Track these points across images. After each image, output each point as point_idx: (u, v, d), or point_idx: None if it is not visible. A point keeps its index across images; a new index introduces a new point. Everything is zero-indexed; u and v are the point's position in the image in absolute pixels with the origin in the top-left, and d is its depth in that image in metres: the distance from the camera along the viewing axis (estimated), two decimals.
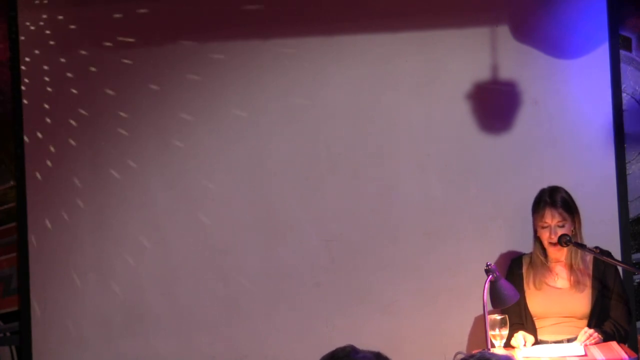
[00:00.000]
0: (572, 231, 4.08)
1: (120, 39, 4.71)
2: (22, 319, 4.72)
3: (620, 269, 4.19)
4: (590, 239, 4.14)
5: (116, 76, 4.71)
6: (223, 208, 4.65)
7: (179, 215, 4.67)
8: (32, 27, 4.74)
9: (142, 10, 4.70)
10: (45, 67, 4.73)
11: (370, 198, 4.59)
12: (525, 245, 4.30)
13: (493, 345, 3.85)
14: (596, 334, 3.90)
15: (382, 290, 4.57)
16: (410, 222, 4.57)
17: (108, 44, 4.71)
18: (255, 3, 4.66)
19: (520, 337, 3.94)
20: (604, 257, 4.03)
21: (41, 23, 4.73)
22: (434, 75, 4.57)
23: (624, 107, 4.51)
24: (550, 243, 4.06)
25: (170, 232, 4.67)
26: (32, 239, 4.73)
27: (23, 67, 4.74)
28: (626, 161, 4.51)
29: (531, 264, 4.17)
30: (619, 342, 3.92)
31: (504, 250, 4.49)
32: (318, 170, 4.62)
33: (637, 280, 4.51)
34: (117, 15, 4.70)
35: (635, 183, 4.52)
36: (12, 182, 4.76)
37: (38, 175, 4.74)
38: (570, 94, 4.52)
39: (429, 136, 4.58)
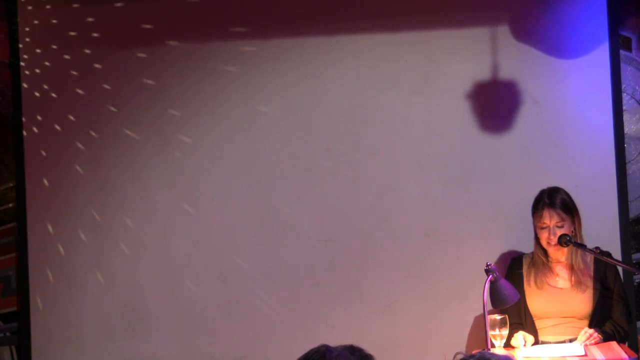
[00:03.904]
0: (572, 231, 4.08)
1: (120, 38, 4.71)
2: (22, 319, 4.72)
3: (620, 269, 4.19)
4: (590, 239, 4.14)
5: (116, 76, 4.71)
6: (223, 208, 4.65)
7: (179, 215, 4.67)
8: (33, 27, 4.74)
9: (142, 10, 4.69)
10: (46, 67, 4.74)
11: (370, 198, 4.59)
12: (526, 245, 4.31)
13: (493, 345, 3.84)
14: (596, 334, 3.90)
15: (382, 290, 4.57)
16: (410, 222, 4.57)
17: (108, 43, 4.71)
18: (256, 4, 4.66)
19: (520, 337, 3.93)
20: (604, 257, 4.03)
21: (41, 22, 4.74)
22: (434, 75, 4.57)
23: (624, 107, 4.51)
24: (550, 243, 4.06)
25: (170, 232, 4.67)
26: (32, 239, 4.73)
27: (23, 67, 4.74)
28: (626, 161, 4.51)
29: (532, 263, 4.17)
30: (619, 342, 3.92)
31: (504, 250, 4.49)
32: (318, 170, 4.62)
33: (637, 280, 4.51)
34: (117, 15, 4.70)
35: (635, 183, 4.52)
36: (12, 183, 4.77)
37: (38, 175, 4.73)
38: (570, 94, 4.52)
39: (429, 136, 4.58)
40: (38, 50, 4.74)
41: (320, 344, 2.16)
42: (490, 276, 3.81)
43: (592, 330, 3.91)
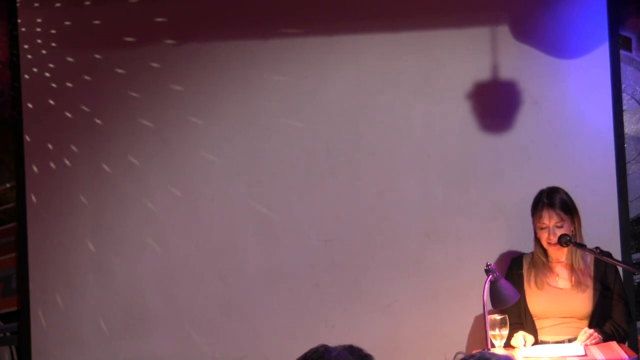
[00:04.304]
0: (572, 231, 4.07)
1: (120, 38, 4.71)
2: (21, 319, 4.72)
3: (620, 269, 4.19)
4: (590, 239, 4.14)
5: (116, 75, 4.71)
6: (223, 208, 4.65)
7: (179, 215, 4.67)
8: (32, 27, 4.74)
9: (142, 10, 4.69)
10: (46, 67, 4.74)
11: (370, 198, 4.59)
12: (526, 245, 4.30)
13: (493, 345, 3.84)
14: (596, 333, 3.90)
15: (382, 290, 4.57)
16: (410, 222, 4.57)
17: (108, 43, 4.71)
18: (256, 4, 4.66)
19: (520, 337, 3.93)
20: (604, 257, 4.03)
21: (41, 22, 4.74)
22: (434, 75, 4.57)
23: (624, 107, 4.51)
24: (550, 243, 4.06)
25: (170, 232, 4.67)
26: (32, 239, 4.73)
27: (24, 67, 4.74)
28: (626, 161, 4.50)
29: (532, 263, 4.17)
30: (619, 343, 3.92)
31: (504, 250, 4.49)
32: (318, 170, 4.62)
33: (637, 281, 4.51)
34: (117, 15, 4.70)
35: (635, 183, 4.52)
36: (12, 182, 4.76)
37: (38, 175, 4.73)
38: (570, 94, 4.52)
39: (429, 136, 4.58)
40: (38, 50, 4.74)
41: (320, 344, 2.16)
42: (490, 276, 3.81)
43: (592, 330, 3.91)
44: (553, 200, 4.06)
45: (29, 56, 4.74)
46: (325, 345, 2.14)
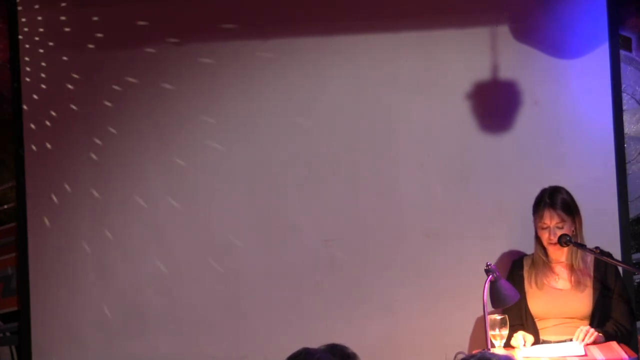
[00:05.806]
0: (573, 232, 4.07)
1: (120, 39, 4.71)
2: (22, 319, 4.72)
3: (620, 269, 4.19)
4: (590, 239, 4.14)
5: (116, 76, 4.70)
6: (223, 208, 4.65)
7: (179, 215, 4.67)
8: (33, 28, 4.74)
9: (142, 11, 4.69)
10: (46, 67, 4.73)
11: (371, 198, 4.59)
12: (526, 245, 4.31)
13: (493, 345, 3.84)
14: (592, 329, 3.88)
15: (383, 290, 4.57)
16: (411, 222, 4.57)
17: (108, 44, 4.71)
18: (256, 4, 4.66)
19: (520, 337, 3.93)
20: (604, 258, 4.02)
21: (42, 23, 4.73)
22: (434, 75, 4.57)
23: (624, 107, 4.51)
24: (550, 243, 4.06)
25: (170, 232, 4.67)
26: (32, 239, 4.73)
27: (23, 68, 4.74)
28: (626, 161, 4.51)
29: (533, 264, 4.17)
30: (620, 343, 3.91)
31: (505, 250, 4.49)
32: (318, 170, 4.62)
33: (637, 280, 4.51)
34: (117, 16, 4.70)
35: (635, 183, 4.52)
36: (12, 182, 4.76)
37: (38, 175, 4.73)
38: (570, 94, 4.52)
39: (429, 136, 4.58)
40: (38, 50, 4.74)
41: (302, 347, 2.11)
42: (490, 276, 3.82)
43: (587, 327, 3.90)
44: (555, 201, 4.06)
45: (29, 56, 4.74)
46: (307, 348, 2.10)
